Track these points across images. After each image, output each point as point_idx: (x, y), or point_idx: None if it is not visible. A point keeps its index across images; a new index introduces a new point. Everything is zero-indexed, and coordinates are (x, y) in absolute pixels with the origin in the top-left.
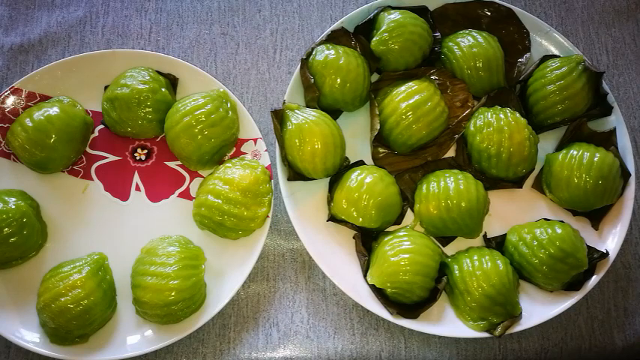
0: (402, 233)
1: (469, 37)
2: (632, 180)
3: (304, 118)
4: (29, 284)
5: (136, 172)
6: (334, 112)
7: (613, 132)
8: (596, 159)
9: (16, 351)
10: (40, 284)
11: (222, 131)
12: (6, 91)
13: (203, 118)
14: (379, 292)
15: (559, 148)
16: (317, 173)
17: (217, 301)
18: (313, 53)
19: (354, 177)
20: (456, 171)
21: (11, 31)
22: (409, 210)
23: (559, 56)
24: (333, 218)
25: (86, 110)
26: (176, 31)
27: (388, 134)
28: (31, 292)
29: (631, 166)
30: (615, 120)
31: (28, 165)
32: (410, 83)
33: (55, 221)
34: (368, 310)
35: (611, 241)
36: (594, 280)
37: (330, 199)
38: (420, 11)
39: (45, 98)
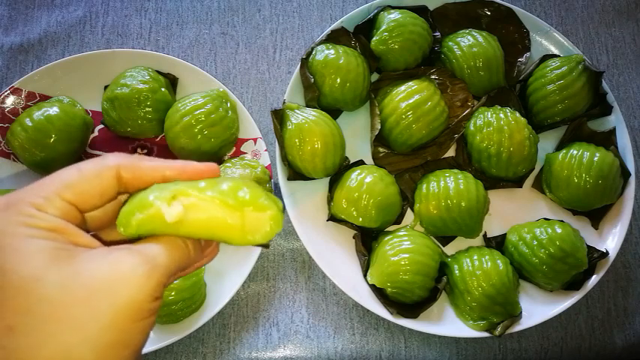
0: (402, 233)
1: (469, 37)
2: (632, 180)
3: (304, 118)
4: None
5: None
6: (334, 112)
7: (613, 131)
8: (596, 158)
9: None
10: None
11: (222, 131)
12: (6, 91)
13: (203, 118)
14: (379, 292)
15: (559, 148)
16: (317, 173)
17: (217, 300)
18: (313, 53)
19: (354, 177)
20: (456, 171)
21: (11, 31)
22: (409, 210)
23: (559, 56)
24: (333, 218)
25: (86, 110)
26: (176, 31)
27: (388, 134)
28: None
29: (631, 166)
30: (615, 120)
31: (28, 165)
32: (410, 83)
33: None
34: (368, 310)
35: (611, 240)
36: (594, 279)
37: (330, 199)
38: (420, 11)
39: (45, 98)
